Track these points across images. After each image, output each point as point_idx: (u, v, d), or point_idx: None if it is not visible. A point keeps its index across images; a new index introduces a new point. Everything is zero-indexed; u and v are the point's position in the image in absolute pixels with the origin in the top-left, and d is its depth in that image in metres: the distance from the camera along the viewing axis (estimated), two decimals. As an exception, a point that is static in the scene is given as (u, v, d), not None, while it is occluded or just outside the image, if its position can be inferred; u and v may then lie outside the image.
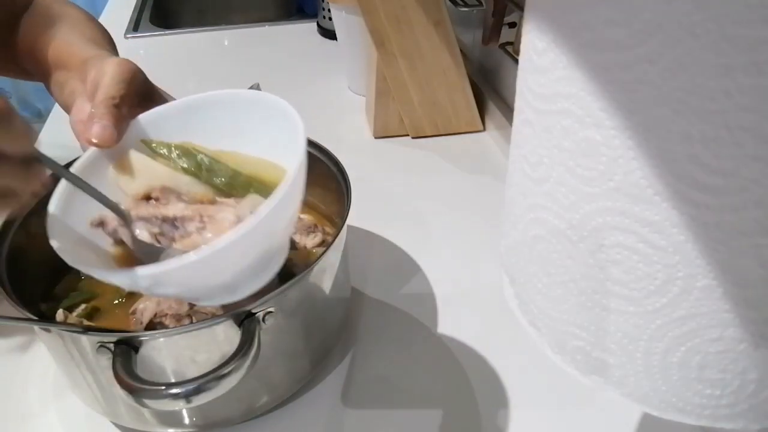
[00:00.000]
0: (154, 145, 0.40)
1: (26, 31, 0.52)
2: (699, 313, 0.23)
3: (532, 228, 0.28)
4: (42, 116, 2.12)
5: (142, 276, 0.32)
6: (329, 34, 1.14)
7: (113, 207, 0.37)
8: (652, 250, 0.23)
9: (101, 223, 0.37)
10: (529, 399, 0.50)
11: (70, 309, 0.50)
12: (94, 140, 0.38)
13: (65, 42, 0.49)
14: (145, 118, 0.41)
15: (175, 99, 0.46)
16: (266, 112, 0.39)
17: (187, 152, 0.40)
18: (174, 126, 0.41)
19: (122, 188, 0.39)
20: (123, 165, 0.39)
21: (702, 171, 0.21)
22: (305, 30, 1.22)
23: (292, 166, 0.34)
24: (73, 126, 0.42)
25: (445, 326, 0.57)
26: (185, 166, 0.40)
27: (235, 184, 0.41)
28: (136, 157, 0.39)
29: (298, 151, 0.35)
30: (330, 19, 1.10)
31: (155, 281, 0.33)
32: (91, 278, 0.53)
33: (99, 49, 0.48)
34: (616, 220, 0.24)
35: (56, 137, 0.87)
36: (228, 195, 0.41)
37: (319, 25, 1.20)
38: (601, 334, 0.26)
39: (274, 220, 0.33)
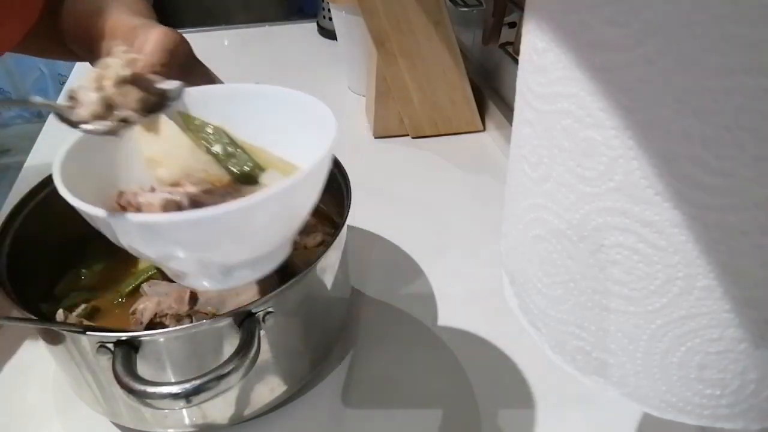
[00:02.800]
0: (188, 120, 0.41)
1: (71, 11, 0.51)
2: (699, 313, 0.23)
3: (532, 228, 0.28)
4: (42, 116, 2.12)
5: (131, 223, 0.32)
6: (329, 34, 1.14)
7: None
8: (653, 250, 0.23)
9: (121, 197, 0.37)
10: (529, 399, 0.50)
11: (70, 309, 0.50)
12: None
13: (113, 17, 0.48)
14: (189, 93, 0.41)
15: (219, 79, 0.46)
16: (306, 116, 0.39)
17: (216, 133, 0.40)
18: (214, 108, 0.41)
19: (141, 147, 0.39)
20: (150, 126, 0.39)
21: (702, 171, 0.21)
22: (305, 30, 1.22)
23: (317, 154, 0.35)
24: None
25: (445, 326, 0.57)
26: (209, 146, 0.40)
27: (252, 175, 0.41)
28: (166, 123, 0.39)
29: (326, 143, 0.36)
30: (330, 19, 1.10)
31: (144, 232, 0.33)
32: (91, 278, 0.54)
33: (146, 19, 0.47)
34: (616, 221, 0.24)
35: (56, 137, 0.87)
36: (243, 183, 0.41)
37: (319, 25, 1.20)
38: (601, 334, 0.26)
39: (287, 199, 0.34)
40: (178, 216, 0.32)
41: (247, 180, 0.41)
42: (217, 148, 0.40)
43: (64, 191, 0.33)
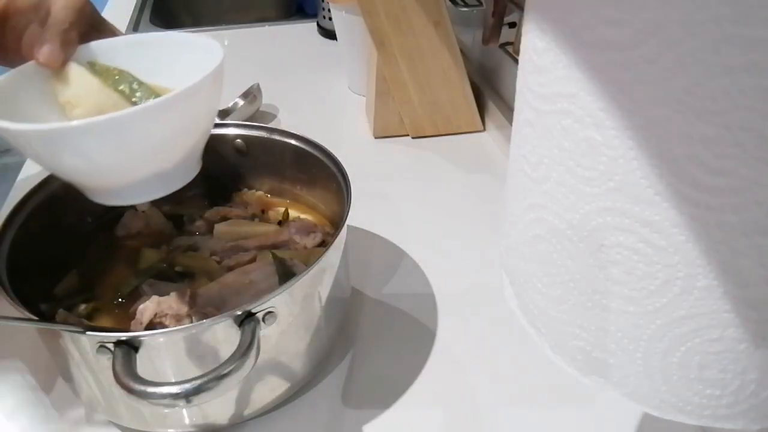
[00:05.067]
0: (96, 67, 0.44)
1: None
2: (699, 313, 0.23)
3: (532, 228, 0.28)
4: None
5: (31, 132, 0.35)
6: (329, 34, 1.14)
7: None
8: (653, 250, 0.23)
9: None
10: (529, 399, 0.50)
11: (70, 309, 0.50)
12: (41, 60, 0.41)
13: None
14: (96, 45, 0.45)
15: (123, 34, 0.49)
16: (202, 54, 0.42)
17: (121, 74, 0.44)
18: (122, 57, 0.45)
19: (55, 92, 0.42)
20: (60, 74, 0.43)
21: (702, 171, 0.21)
22: (305, 30, 1.22)
23: (201, 74, 0.38)
24: (24, 51, 0.43)
25: (445, 326, 0.57)
26: (116, 86, 0.43)
27: None
28: (75, 68, 0.43)
29: (208, 68, 0.39)
30: (330, 19, 1.10)
31: (44, 141, 0.36)
32: (91, 278, 0.54)
33: None
34: (616, 221, 0.24)
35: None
36: None
37: (319, 25, 1.20)
38: (601, 334, 0.26)
39: (165, 111, 0.38)
40: (72, 123, 0.36)
41: None
42: (123, 87, 0.43)
43: None
